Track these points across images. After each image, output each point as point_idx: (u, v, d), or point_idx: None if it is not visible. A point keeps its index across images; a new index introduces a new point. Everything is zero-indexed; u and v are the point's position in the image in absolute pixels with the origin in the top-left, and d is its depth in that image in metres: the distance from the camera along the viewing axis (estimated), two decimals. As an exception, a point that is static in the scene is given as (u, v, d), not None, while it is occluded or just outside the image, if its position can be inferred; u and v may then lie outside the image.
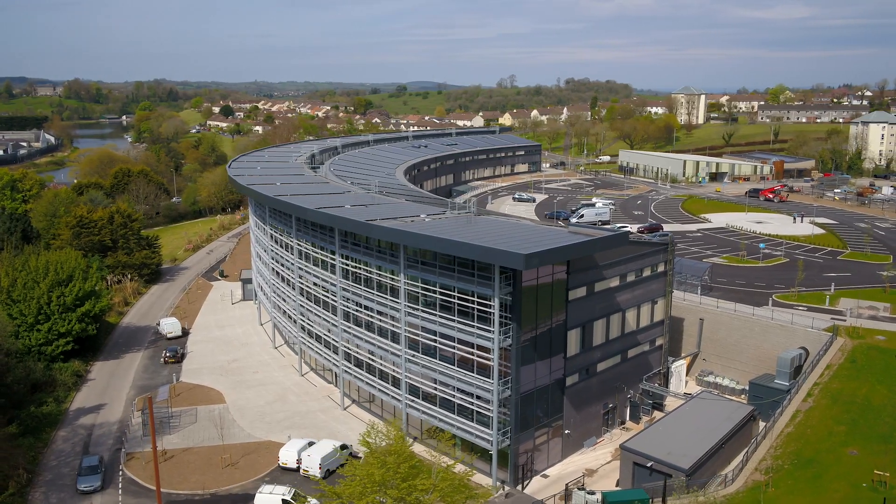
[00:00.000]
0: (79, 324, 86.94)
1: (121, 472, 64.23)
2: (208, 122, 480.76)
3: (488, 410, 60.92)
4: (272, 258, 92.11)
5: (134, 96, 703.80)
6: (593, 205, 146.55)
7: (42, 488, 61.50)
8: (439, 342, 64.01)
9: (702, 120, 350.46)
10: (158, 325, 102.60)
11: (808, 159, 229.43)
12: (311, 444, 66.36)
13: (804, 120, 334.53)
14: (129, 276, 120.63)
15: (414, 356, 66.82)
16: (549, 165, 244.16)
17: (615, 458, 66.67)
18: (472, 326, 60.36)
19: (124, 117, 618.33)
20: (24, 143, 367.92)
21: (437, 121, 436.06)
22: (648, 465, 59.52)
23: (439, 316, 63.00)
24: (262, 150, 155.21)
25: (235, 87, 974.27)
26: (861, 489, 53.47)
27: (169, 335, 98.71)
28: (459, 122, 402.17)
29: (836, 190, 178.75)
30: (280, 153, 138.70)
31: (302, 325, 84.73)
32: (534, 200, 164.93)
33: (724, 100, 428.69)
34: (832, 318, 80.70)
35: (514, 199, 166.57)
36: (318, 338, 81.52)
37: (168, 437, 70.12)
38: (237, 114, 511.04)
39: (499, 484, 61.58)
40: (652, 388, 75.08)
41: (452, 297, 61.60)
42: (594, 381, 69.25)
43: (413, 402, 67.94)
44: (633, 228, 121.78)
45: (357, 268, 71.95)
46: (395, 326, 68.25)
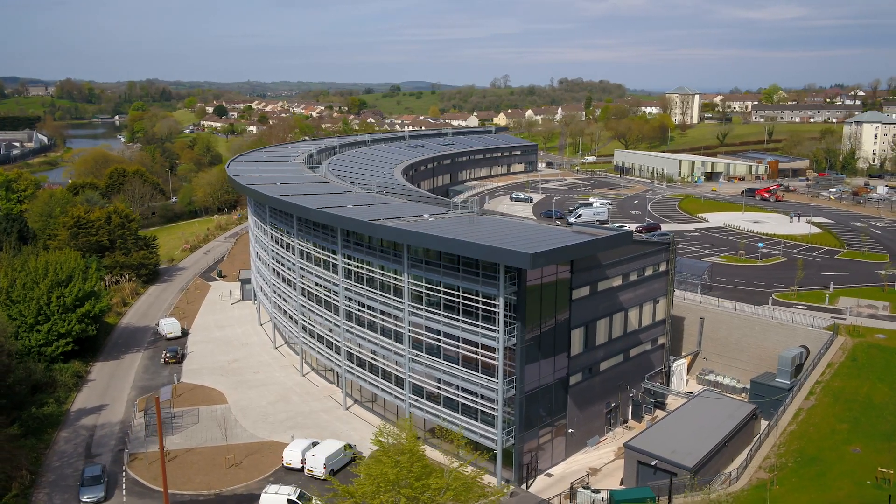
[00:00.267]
0: (79, 324, 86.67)
1: (124, 473, 64.05)
2: (202, 122, 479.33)
3: (493, 410, 61.02)
4: (273, 258, 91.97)
5: (126, 96, 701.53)
6: (590, 204, 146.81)
7: (45, 489, 61.28)
8: (443, 342, 64.05)
9: (696, 120, 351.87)
10: (158, 325, 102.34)
11: (802, 159, 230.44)
12: (314, 444, 66.29)
13: (797, 120, 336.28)
14: (127, 276, 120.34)
15: (417, 356, 66.85)
16: (544, 165, 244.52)
17: (618, 457, 66.86)
18: (477, 326, 60.42)
19: (117, 117, 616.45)
20: (17, 144, 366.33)
21: (432, 121, 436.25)
22: (653, 463, 59.73)
23: (443, 315, 63.04)
24: (260, 150, 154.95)
25: (228, 86, 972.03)
26: (865, 487, 53.78)
27: (168, 335, 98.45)
28: (454, 122, 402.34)
29: (831, 189, 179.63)
30: (278, 153, 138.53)
31: (303, 325, 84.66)
32: (531, 200, 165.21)
33: (717, 100, 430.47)
34: (832, 317, 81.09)
35: (512, 198, 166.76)
36: (319, 338, 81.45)
37: (171, 437, 69.94)
38: (231, 114, 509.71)
39: (503, 483, 61.69)
40: (654, 386, 75.31)
41: (457, 296, 61.66)
42: (597, 380, 69.43)
43: (417, 401, 67.96)
44: (632, 228, 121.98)
45: (360, 267, 71.92)
46: (398, 326, 68.26)
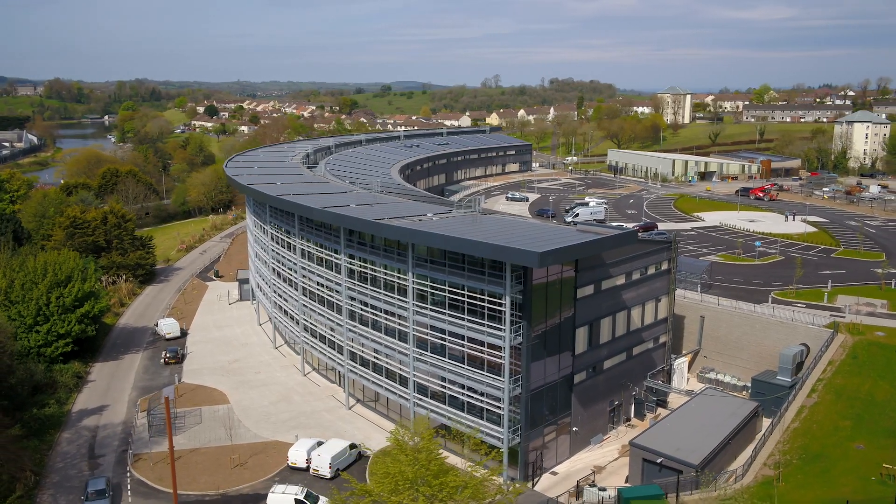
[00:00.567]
0: (78, 325, 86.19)
1: (128, 474, 63.82)
2: (193, 122, 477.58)
3: (499, 408, 61.17)
4: (273, 258, 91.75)
5: (116, 96, 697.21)
6: (587, 204, 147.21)
7: (50, 490, 60.97)
8: (448, 340, 64.13)
9: (687, 120, 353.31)
10: (156, 325, 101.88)
11: (794, 158, 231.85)
12: (319, 443, 66.27)
13: (788, 119, 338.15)
14: (123, 276, 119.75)
15: (422, 355, 66.91)
16: (538, 165, 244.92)
17: (622, 455, 67.17)
18: (483, 324, 60.54)
19: (106, 117, 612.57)
20: (7, 144, 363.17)
21: (424, 120, 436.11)
22: (658, 461, 60.00)
23: (448, 314, 63.11)
24: (256, 149, 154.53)
25: (218, 86, 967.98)
26: (870, 483, 54.20)
27: (167, 336, 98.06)
28: (447, 122, 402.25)
29: (824, 189, 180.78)
30: (274, 153, 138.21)
31: (305, 325, 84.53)
32: (527, 200, 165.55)
33: (709, 100, 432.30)
34: (831, 315, 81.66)
35: (508, 198, 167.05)
36: (321, 337, 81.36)
37: (175, 437, 69.19)
38: (222, 114, 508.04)
39: (509, 481, 61.78)
40: (656, 385, 75.69)
41: (462, 295, 61.75)
42: (601, 378, 69.70)
43: (421, 400, 68.01)
44: (630, 227, 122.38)
45: (363, 267, 71.90)
46: (402, 325, 68.28)
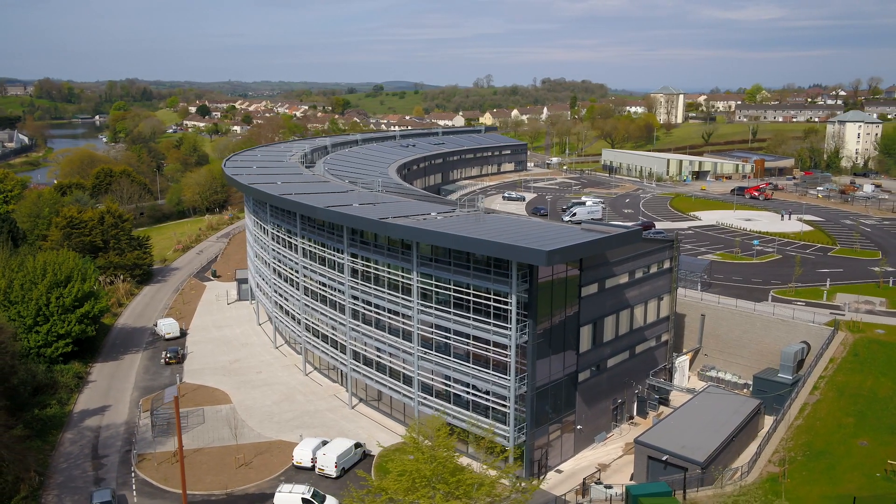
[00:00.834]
0: (78, 325, 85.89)
1: (133, 474, 63.60)
2: (185, 122, 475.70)
3: (504, 407, 61.30)
4: (274, 258, 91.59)
5: (107, 96, 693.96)
6: (584, 203, 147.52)
7: (55, 491, 60.73)
8: (453, 339, 64.22)
9: (680, 119, 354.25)
10: (156, 325, 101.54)
11: (787, 158, 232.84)
12: (324, 442, 66.25)
13: (781, 119, 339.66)
14: (121, 276, 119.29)
15: (426, 353, 66.97)
16: (533, 165, 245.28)
17: (626, 453, 67.42)
18: (488, 323, 60.65)
19: (97, 117, 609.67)
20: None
21: (418, 120, 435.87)
22: (663, 458, 60.24)
23: (453, 313, 63.19)
24: (253, 149, 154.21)
25: (209, 86, 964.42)
26: (875, 479, 54.58)
27: (167, 336, 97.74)
28: (440, 122, 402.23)
29: (818, 188, 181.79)
30: (272, 152, 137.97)
31: (307, 325, 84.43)
32: (523, 199, 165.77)
33: (701, 99, 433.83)
34: (831, 313, 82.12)
35: (504, 197, 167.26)
36: (324, 337, 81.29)
37: (178, 437, 69.42)
38: (214, 114, 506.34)
39: (515, 479, 61.79)
40: (658, 383, 75.96)
41: (467, 294, 61.84)
42: (604, 376, 69.94)
43: (425, 399, 68.08)
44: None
45: (367, 266, 71.88)
46: (406, 324, 68.31)
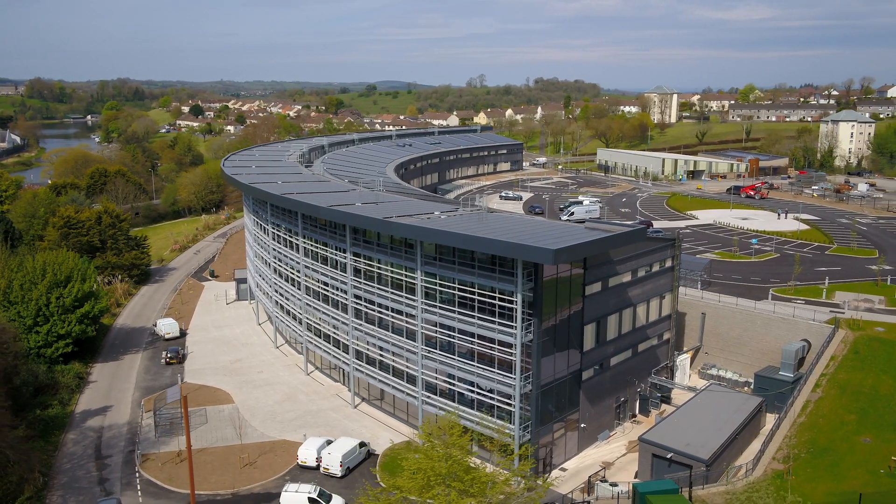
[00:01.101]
0: (78, 325, 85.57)
1: (137, 474, 63.44)
2: (178, 122, 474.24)
3: (510, 405, 61.42)
4: (274, 257, 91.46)
5: (99, 95, 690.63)
6: (581, 203, 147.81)
7: (59, 491, 60.49)
8: (457, 338, 64.29)
9: (674, 119, 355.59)
10: (155, 325, 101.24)
11: (781, 157, 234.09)
12: (329, 442, 66.24)
13: (774, 119, 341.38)
14: (119, 277, 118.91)
15: (430, 352, 67.03)
16: (529, 164, 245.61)
17: (630, 451, 67.65)
18: (493, 322, 60.75)
19: (89, 117, 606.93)
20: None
21: (412, 120, 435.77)
22: (668, 456, 60.46)
23: (458, 312, 63.27)
24: (251, 148, 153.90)
25: (201, 86, 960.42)
26: (879, 476, 54.97)
27: (167, 336, 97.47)
28: (435, 122, 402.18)
29: (813, 187, 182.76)
30: (270, 152, 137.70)
31: (308, 325, 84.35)
32: (520, 198, 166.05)
33: (695, 99, 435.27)
34: (830, 311, 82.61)
35: (501, 197, 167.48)
36: (326, 336, 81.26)
37: (182, 437, 69.13)
38: (207, 113, 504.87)
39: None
40: (661, 381, 76.27)
41: (472, 293, 61.94)
42: (608, 374, 70.17)
43: (429, 398, 68.14)
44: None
45: (370, 265, 71.88)
46: (411, 323, 68.35)
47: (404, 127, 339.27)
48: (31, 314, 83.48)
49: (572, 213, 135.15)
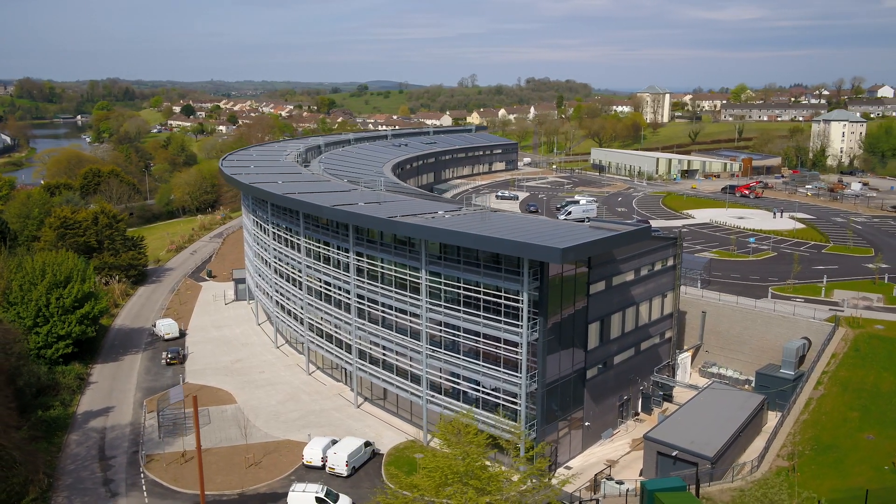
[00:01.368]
0: (78, 326, 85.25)
1: (142, 475, 63.25)
2: (169, 122, 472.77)
3: (515, 404, 61.58)
4: (275, 257, 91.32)
5: (89, 95, 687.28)
6: (578, 202, 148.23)
7: (64, 492, 60.21)
8: (462, 337, 64.40)
9: (667, 119, 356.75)
10: (154, 326, 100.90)
11: (774, 157, 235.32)
12: (334, 441, 66.23)
13: (766, 118, 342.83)
14: (116, 277, 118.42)
15: (435, 352, 67.11)
16: (523, 164, 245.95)
17: (634, 449, 67.95)
18: (499, 321, 60.88)
19: (79, 117, 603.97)
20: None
21: (405, 120, 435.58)
22: (673, 454, 60.77)
23: (463, 311, 63.37)
24: (248, 148, 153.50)
25: (191, 86, 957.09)
26: (884, 472, 55.43)
27: (166, 336, 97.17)
28: (428, 122, 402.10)
29: (807, 186, 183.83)
30: (267, 152, 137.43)
31: (310, 324, 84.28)
32: (516, 198, 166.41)
33: (687, 99, 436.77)
34: (830, 309, 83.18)
35: (498, 196, 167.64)
36: (328, 336, 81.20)
37: (185, 438, 69.11)
38: (198, 113, 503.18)
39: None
40: (663, 379, 76.61)
41: (477, 292, 62.06)
42: (611, 373, 70.44)
43: (434, 397, 68.21)
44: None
45: (373, 265, 71.89)
46: (415, 323, 68.39)
47: (397, 127, 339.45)
48: (30, 315, 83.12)
49: (569, 213, 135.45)
